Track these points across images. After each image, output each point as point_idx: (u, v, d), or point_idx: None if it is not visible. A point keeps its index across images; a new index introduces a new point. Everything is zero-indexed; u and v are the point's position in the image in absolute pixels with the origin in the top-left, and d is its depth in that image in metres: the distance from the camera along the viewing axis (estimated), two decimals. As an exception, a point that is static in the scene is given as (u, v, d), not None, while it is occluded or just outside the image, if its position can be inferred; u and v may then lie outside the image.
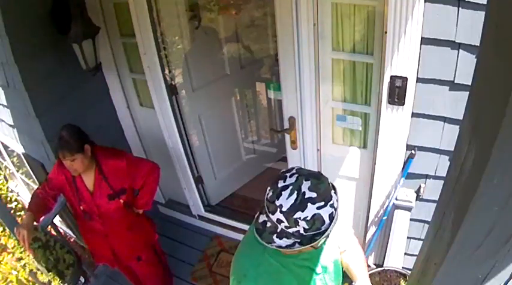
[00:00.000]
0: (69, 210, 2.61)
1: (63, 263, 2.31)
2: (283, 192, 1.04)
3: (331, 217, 1.05)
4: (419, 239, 2.27)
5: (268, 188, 1.10)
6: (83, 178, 2.13)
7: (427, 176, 2.06)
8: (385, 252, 2.31)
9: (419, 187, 2.09)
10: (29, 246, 2.01)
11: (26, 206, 3.47)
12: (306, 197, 1.03)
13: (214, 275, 2.92)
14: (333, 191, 1.08)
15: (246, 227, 3.09)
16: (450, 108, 1.78)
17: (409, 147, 2.00)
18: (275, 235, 1.07)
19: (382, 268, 2.27)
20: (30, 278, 2.92)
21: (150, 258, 2.53)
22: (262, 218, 1.10)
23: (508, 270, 0.71)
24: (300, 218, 1.02)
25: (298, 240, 1.05)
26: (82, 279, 2.66)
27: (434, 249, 0.84)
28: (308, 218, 1.02)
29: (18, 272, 3.36)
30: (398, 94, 1.83)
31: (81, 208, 2.17)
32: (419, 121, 1.90)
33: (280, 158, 3.60)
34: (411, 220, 2.19)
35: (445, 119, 1.82)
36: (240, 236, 3.11)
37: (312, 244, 1.06)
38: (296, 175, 1.07)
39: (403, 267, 2.26)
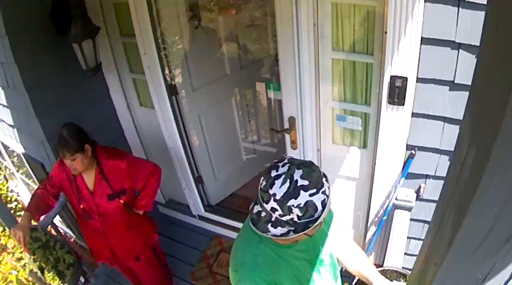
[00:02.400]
0: (69, 210, 2.61)
1: (63, 263, 2.30)
2: (276, 181, 1.07)
3: (324, 204, 1.08)
4: (419, 239, 2.27)
5: (262, 178, 1.12)
6: (84, 177, 2.13)
7: (427, 176, 2.06)
8: (385, 252, 2.31)
9: (419, 187, 2.09)
10: (26, 246, 2.04)
11: (26, 206, 3.56)
12: (298, 185, 1.05)
13: (214, 275, 2.92)
14: (324, 179, 1.11)
15: (246, 227, 3.09)
16: (450, 108, 1.78)
17: (409, 147, 2.00)
18: (270, 224, 1.09)
19: (382, 268, 2.26)
20: (30, 278, 2.92)
21: (149, 258, 2.53)
22: (257, 208, 1.12)
23: (508, 270, 0.71)
24: (293, 205, 1.04)
25: (292, 228, 1.07)
26: (82, 279, 2.66)
27: (434, 249, 0.84)
28: (301, 205, 1.04)
29: (18, 272, 3.36)
30: (398, 94, 1.83)
31: (81, 206, 2.17)
32: (419, 121, 1.90)
33: (280, 158, 3.60)
34: (411, 220, 2.19)
35: (445, 119, 1.82)
36: (240, 236, 3.11)
37: (305, 231, 1.08)
38: (288, 164, 1.10)
39: (403, 267, 2.26)
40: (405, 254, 2.31)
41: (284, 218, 1.06)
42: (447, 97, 1.76)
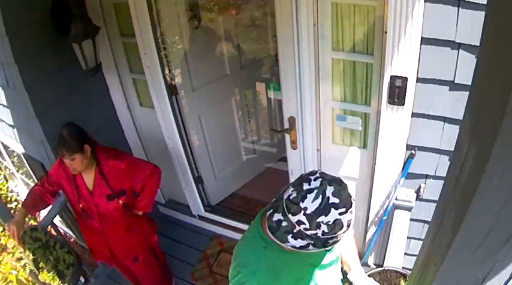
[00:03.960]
0: (69, 210, 2.61)
1: (63, 263, 2.30)
2: (308, 195, 1.06)
3: (349, 224, 1.08)
4: (419, 239, 2.27)
5: (291, 189, 1.11)
6: (83, 176, 2.13)
7: (427, 176, 2.06)
8: (385, 252, 2.31)
9: (419, 187, 2.09)
10: (19, 241, 2.07)
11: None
12: (330, 202, 1.05)
13: (214, 275, 2.92)
14: (352, 199, 1.11)
15: (246, 227, 3.06)
16: (450, 108, 1.78)
17: (409, 147, 2.00)
18: (290, 235, 1.08)
19: (382, 268, 2.26)
20: (30, 278, 2.92)
21: (147, 259, 2.53)
22: (277, 217, 1.11)
23: (508, 270, 0.71)
24: (322, 222, 1.05)
25: (312, 242, 1.08)
26: (82, 279, 2.66)
27: (434, 249, 0.84)
28: (330, 223, 1.05)
29: (18, 272, 3.35)
30: (398, 94, 1.83)
31: (80, 206, 2.18)
32: (419, 121, 1.90)
33: (280, 158, 3.60)
34: (411, 220, 2.19)
35: (445, 119, 1.82)
36: (240, 236, 3.10)
37: (325, 248, 1.10)
38: (320, 179, 1.09)
39: (403, 267, 2.26)
40: (405, 254, 2.31)
41: (308, 232, 1.06)
42: (447, 97, 1.76)
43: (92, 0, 2.50)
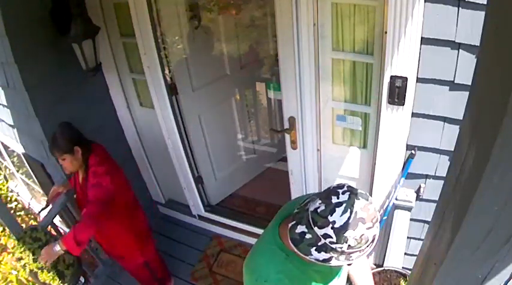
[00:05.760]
0: (69, 209, 2.62)
1: (63, 263, 2.30)
2: (337, 209, 1.05)
3: (374, 238, 1.08)
4: (419, 239, 2.27)
5: (319, 201, 1.09)
6: (79, 172, 2.19)
7: (427, 176, 2.06)
8: (385, 252, 2.31)
9: (419, 187, 2.09)
10: (51, 197, 2.36)
11: (26, 206, 3.79)
12: (358, 217, 1.05)
13: (214, 275, 2.92)
14: (378, 213, 1.10)
15: (246, 227, 3.10)
16: (450, 108, 1.78)
17: (409, 147, 2.00)
18: (314, 247, 1.07)
19: (382, 268, 2.27)
20: (30, 278, 2.92)
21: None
22: (301, 229, 1.09)
23: (508, 270, 0.71)
24: (350, 236, 1.04)
25: (336, 256, 1.07)
26: (82, 279, 2.66)
27: (434, 249, 0.84)
28: (357, 237, 1.04)
29: (18, 272, 3.35)
30: (398, 94, 1.83)
31: (74, 196, 2.31)
32: (419, 121, 1.90)
33: (280, 158, 3.60)
34: (411, 220, 2.19)
35: (445, 119, 1.82)
36: (240, 236, 3.12)
37: (348, 262, 1.09)
38: (348, 193, 1.09)
39: (403, 267, 2.26)
40: (405, 254, 2.31)
41: (334, 246, 1.05)
42: (447, 97, 1.76)
43: (92, 0, 2.50)
